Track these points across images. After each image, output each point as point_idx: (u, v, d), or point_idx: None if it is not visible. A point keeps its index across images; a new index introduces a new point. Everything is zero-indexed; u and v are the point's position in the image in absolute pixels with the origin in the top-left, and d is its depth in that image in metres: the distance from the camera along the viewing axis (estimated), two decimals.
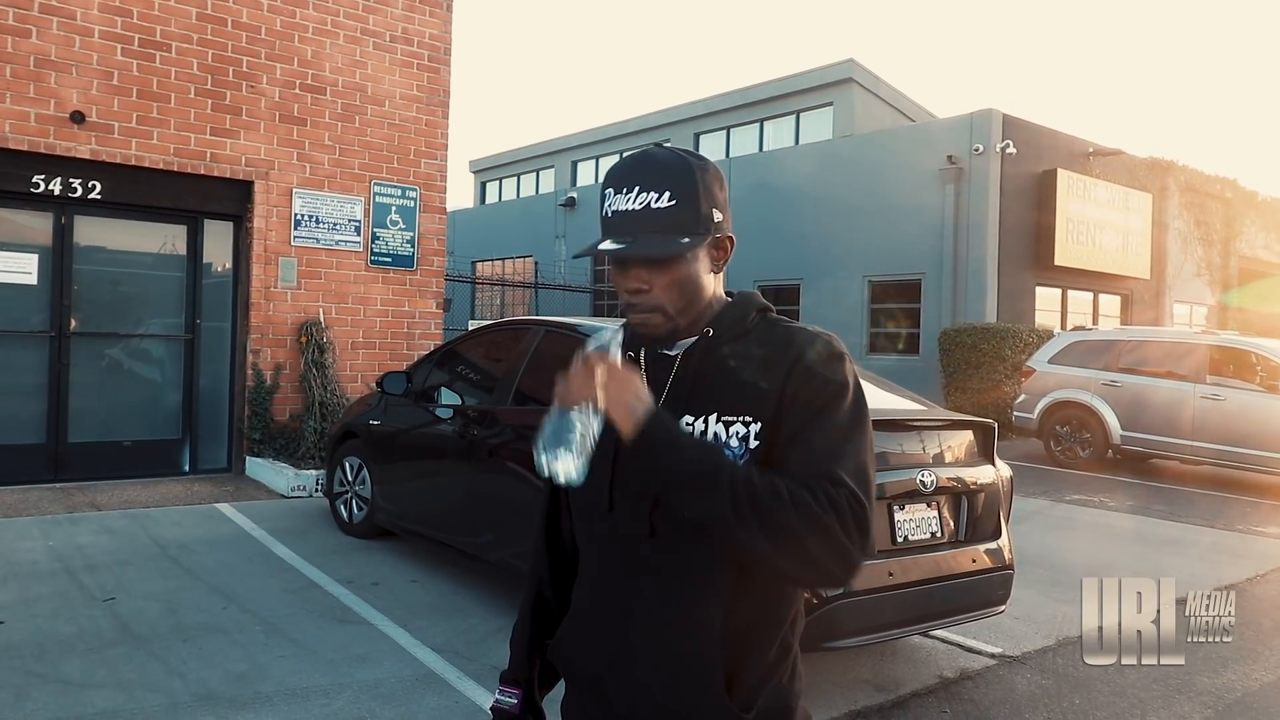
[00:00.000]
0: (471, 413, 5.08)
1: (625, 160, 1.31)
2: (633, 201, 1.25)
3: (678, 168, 1.27)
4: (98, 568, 5.09)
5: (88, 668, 3.70)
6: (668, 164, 1.27)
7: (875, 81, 21.03)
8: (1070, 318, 15.34)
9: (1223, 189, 18.36)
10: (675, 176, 1.26)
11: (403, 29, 8.95)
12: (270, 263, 8.20)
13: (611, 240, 1.26)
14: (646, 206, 1.25)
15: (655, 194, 1.25)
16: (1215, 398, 9.64)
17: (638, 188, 1.26)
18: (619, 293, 1.33)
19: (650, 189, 1.25)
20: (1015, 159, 14.17)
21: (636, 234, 1.25)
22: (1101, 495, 8.92)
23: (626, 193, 1.26)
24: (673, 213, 1.25)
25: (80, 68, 7.29)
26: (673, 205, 1.25)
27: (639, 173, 1.27)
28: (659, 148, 1.32)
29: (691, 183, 1.27)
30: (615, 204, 1.27)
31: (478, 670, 3.86)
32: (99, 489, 7.23)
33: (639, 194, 1.25)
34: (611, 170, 1.31)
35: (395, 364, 8.50)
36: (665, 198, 1.25)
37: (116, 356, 7.98)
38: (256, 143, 8.12)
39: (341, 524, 6.17)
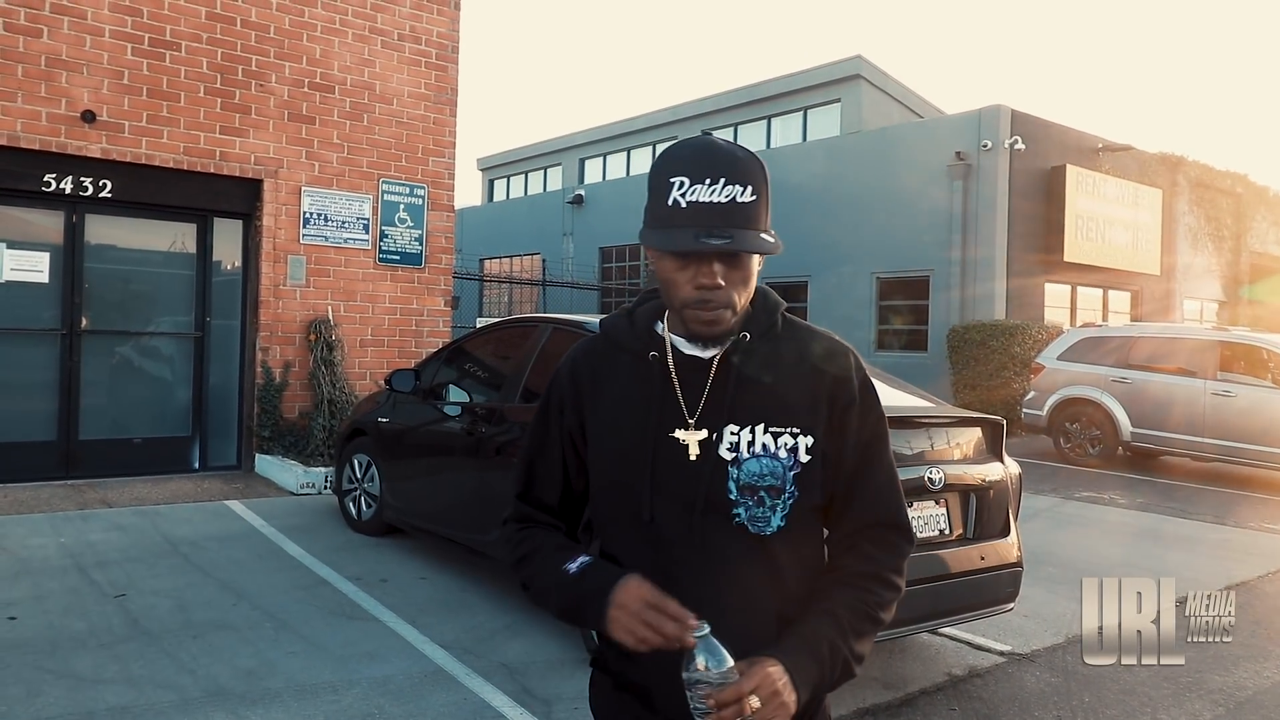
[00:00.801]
0: (479, 410, 5.08)
1: (695, 149, 1.24)
2: (718, 194, 1.20)
3: (753, 163, 1.23)
4: (109, 564, 5.13)
5: (99, 664, 3.72)
6: (743, 158, 1.23)
7: (883, 78, 20.98)
8: (1080, 314, 15.27)
9: (1233, 184, 18.25)
10: (753, 171, 1.22)
11: (410, 27, 8.96)
12: (279, 261, 8.23)
13: (701, 232, 1.19)
14: (733, 200, 1.20)
15: (740, 187, 1.21)
16: (1226, 394, 9.59)
17: (723, 180, 1.20)
18: (677, 287, 1.26)
19: (735, 182, 1.20)
20: (1024, 155, 14.11)
21: (725, 227, 1.20)
22: (1111, 492, 8.89)
23: (710, 184, 1.20)
24: (755, 208, 1.22)
25: (91, 67, 7.33)
26: (754, 200, 1.22)
27: (720, 164, 1.21)
28: (720, 140, 1.26)
29: (765, 179, 1.24)
30: (695, 194, 1.20)
31: (486, 667, 3.87)
32: (109, 486, 7.28)
33: (725, 186, 1.20)
34: (679, 157, 1.24)
35: (403, 361, 8.52)
36: (748, 192, 1.21)
37: (127, 354, 8.03)
38: (265, 141, 8.15)
39: (350, 521, 6.19)
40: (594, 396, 1.38)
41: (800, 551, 1.32)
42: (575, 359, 1.43)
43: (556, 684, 3.74)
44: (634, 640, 1.19)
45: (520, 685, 3.71)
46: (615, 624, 1.21)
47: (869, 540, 1.34)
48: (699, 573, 1.27)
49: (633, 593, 1.21)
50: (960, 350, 13.48)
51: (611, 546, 1.37)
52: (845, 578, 1.32)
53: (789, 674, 1.17)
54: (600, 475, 1.38)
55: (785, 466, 1.27)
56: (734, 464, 1.27)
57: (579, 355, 1.43)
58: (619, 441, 1.33)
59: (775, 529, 1.28)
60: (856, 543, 1.34)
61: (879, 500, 1.35)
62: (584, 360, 1.42)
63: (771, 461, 1.28)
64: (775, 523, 1.28)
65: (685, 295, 1.25)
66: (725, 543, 1.27)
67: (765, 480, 1.27)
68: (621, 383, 1.36)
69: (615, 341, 1.40)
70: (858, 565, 1.33)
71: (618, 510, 1.35)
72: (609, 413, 1.36)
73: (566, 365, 1.44)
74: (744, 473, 1.27)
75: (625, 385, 1.36)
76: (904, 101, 21.58)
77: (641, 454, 1.29)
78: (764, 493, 1.27)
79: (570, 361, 1.44)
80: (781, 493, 1.28)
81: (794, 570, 1.31)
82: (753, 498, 1.27)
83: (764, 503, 1.27)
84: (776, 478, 1.28)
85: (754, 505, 1.27)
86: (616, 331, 1.41)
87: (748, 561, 1.28)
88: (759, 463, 1.28)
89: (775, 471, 1.28)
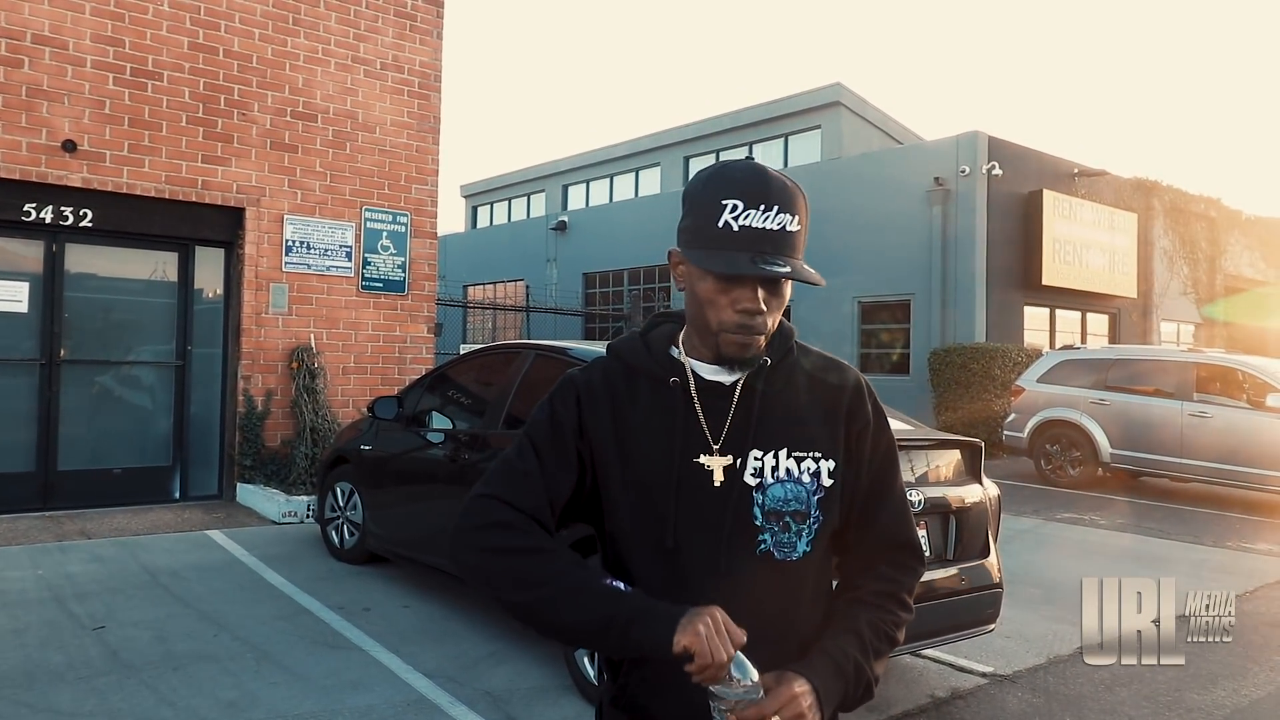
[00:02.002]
0: (463, 437, 5.09)
1: (747, 173, 1.23)
2: (771, 221, 1.20)
3: (800, 194, 1.24)
4: (87, 596, 5.07)
5: (77, 697, 3.68)
6: (791, 188, 1.23)
7: (862, 105, 21.25)
8: (1058, 337, 15.44)
9: (1207, 208, 18.56)
10: (800, 202, 1.23)
11: (393, 56, 9.03)
12: (261, 289, 8.23)
13: (756, 257, 1.19)
14: (783, 228, 1.21)
15: (790, 216, 1.21)
16: (1203, 415, 9.71)
17: (776, 207, 1.20)
18: (717, 309, 1.24)
19: (785, 210, 1.21)
20: (1001, 180, 14.32)
21: (776, 254, 1.20)
22: (1092, 513, 8.95)
23: (764, 210, 1.20)
24: (800, 238, 1.23)
25: (72, 97, 7.34)
26: (799, 230, 1.23)
27: (773, 191, 1.21)
28: (768, 167, 1.26)
29: (807, 207, 1.25)
30: (748, 219, 1.19)
31: (470, 695, 3.85)
32: (89, 517, 7.20)
33: (778, 214, 1.20)
34: (732, 180, 1.23)
35: (387, 389, 8.51)
36: (796, 221, 1.22)
37: (107, 384, 7.98)
38: (248, 169, 8.17)
39: (333, 549, 6.15)
40: (613, 419, 1.33)
41: (821, 577, 1.33)
42: (590, 380, 1.37)
43: (540, 711, 3.73)
44: (704, 649, 1.11)
45: (504, 713, 3.69)
46: (690, 632, 1.12)
47: (885, 562, 1.36)
48: (725, 601, 1.22)
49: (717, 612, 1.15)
50: (941, 373, 13.59)
51: (627, 575, 1.31)
52: (865, 597, 1.33)
53: (816, 694, 1.17)
54: (620, 502, 1.32)
55: (809, 491, 1.28)
56: (758, 489, 1.27)
57: (594, 374, 1.38)
58: (642, 468, 1.30)
59: (801, 554, 1.28)
60: (873, 564, 1.36)
61: (894, 523, 1.37)
62: (600, 382, 1.37)
63: (796, 486, 1.28)
64: (801, 548, 1.28)
65: (725, 318, 1.24)
66: (751, 570, 1.26)
67: (790, 505, 1.27)
68: (642, 408, 1.33)
69: (632, 366, 1.37)
70: (876, 585, 1.34)
71: (637, 538, 1.30)
72: (630, 438, 1.31)
73: (580, 380, 1.37)
74: (769, 498, 1.27)
75: (646, 411, 1.32)
76: (883, 128, 21.86)
77: (666, 480, 1.27)
78: (789, 518, 1.27)
79: (584, 382, 1.37)
80: (806, 518, 1.28)
81: (815, 596, 1.32)
82: (778, 523, 1.27)
83: (789, 528, 1.27)
84: (801, 503, 1.28)
85: (779, 531, 1.27)
86: (633, 355, 1.38)
87: (774, 589, 1.27)
88: (783, 488, 1.28)
89: (800, 496, 1.28)
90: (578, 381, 1.38)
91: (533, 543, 1.25)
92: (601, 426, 1.33)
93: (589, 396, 1.35)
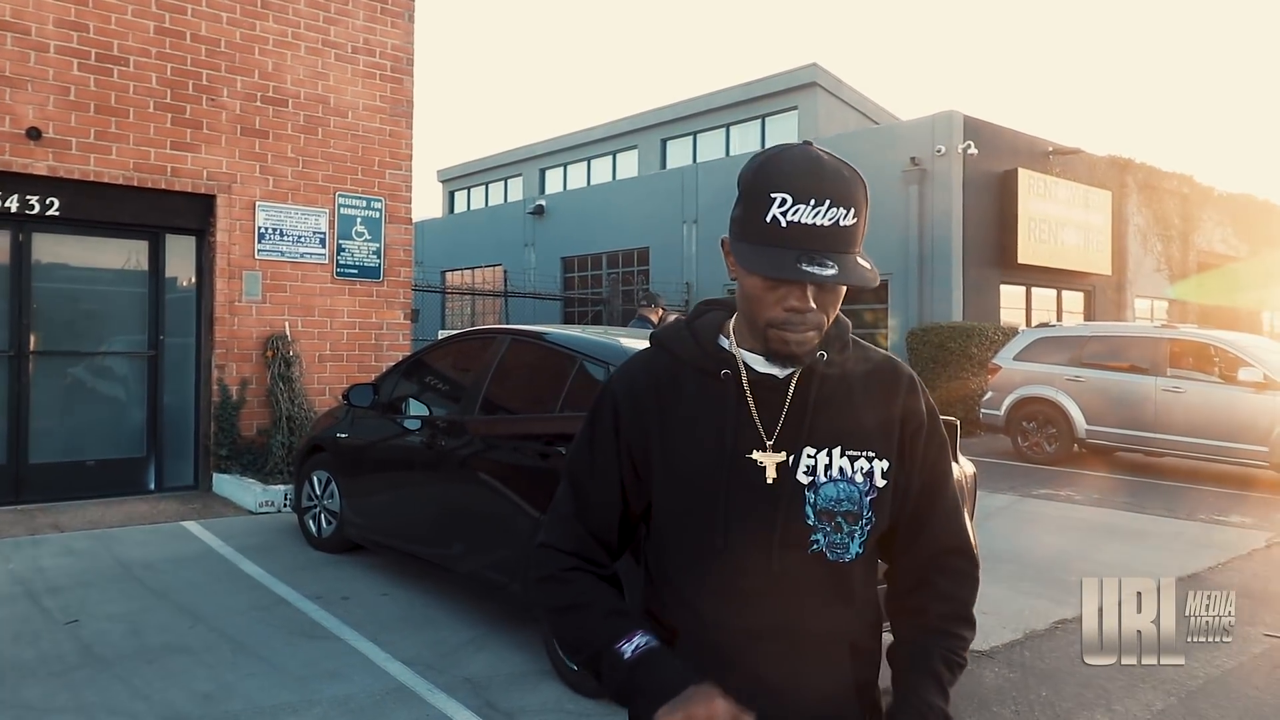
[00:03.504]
0: (439, 423, 5.06)
1: (800, 163, 1.16)
2: (822, 216, 1.13)
3: (857, 182, 1.17)
4: (60, 590, 5.01)
5: (49, 692, 3.64)
6: (849, 177, 1.16)
7: (838, 85, 21.25)
8: (1035, 314, 15.55)
9: (1179, 185, 18.71)
10: (856, 192, 1.16)
11: (364, 40, 8.91)
12: (234, 277, 8.13)
13: (803, 256, 1.13)
14: (836, 223, 1.14)
15: (843, 210, 1.14)
16: (1176, 390, 9.82)
17: (828, 201, 1.13)
18: (764, 306, 1.19)
19: (839, 204, 1.14)
20: (977, 159, 14.36)
21: (827, 251, 1.14)
22: (1068, 489, 9.05)
23: (814, 205, 1.13)
24: (855, 230, 1.16)
25: (36, 83, 7.19)
26: (855, 223, 1.16)
27: (826, 184, 1.14)
28: (824, 154, 1.18)
29: (866, 198, 1.18)
30: (797, 215, 1.13)
31: (449, 682, 3.84)
32: (61, 510, 7.12)
33: (829, 209, 1.13)
34: (783, 172, 1.15)
35: (363, 376, 8.44)
36: (850, 214, 1.15)
37: (78, 375, 7.87)
38: (218, 156, 8.05)
39: (310, 539, 6.12)
40: (660, 415, 1.28)
41: (869, 577, 1.29)
42: (633, 374, 1.34)
43: (520, 697, 3.73)
44: None
45: (484, 699, 3.69)
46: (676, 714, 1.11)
47: (940, 571, 1.32)
48: (777, 602, 1.21)
49: (706, 706, 1.10)
50: (919, 352, 13.66)
51: (674, 574, 1.28)
52: (933, 623, 1.30)
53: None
54: (666, 499, 1.28)
55: (861, 491, 1.24)
56: (810, 488, 1.23)
57: (637, 370, 1.34)
58: (691, 464, 1.25)
59: (854, 556, 1.24)
60: (929, 576, 1.32)
61: (949, 527, 1.33)
62: (644, 376, 1.32)
63: (849, 486, 1.24)
64: (854, 549, 1.24)
65: (772, 315, 1.19)
66: (803, 571, 1.22)
67: (842, 505, 1.23)
68: (689, 401, 1.27)
69: (679, 357, 1.31)
70: (942, 606, 1.31)
71: (684, 537, 1.26)
72: (678, 433, 1.27)
73: (623, 380, 1.34)
74: (821, 497, 1.23)
75: (694, 404, 1.27)
76: (860, 108, 21.87)
77: (717, 477, 1.23)
78: (841, 518, 1.23)
79: (627, 377, 1.34)
80: (859, 519, 1.24)
81: (866, 597, 1.29)
82: (830, 523, 1.23)
83: (841, 529, 1.23)
84: (853, 503, 1.24)
85: (832, 531, 1.23)
86: (680, 346, 1.32)
87: (825, 590, 1.24)
88: (836, 487, 1.24)
89: (852, 496, 1.24)
90: (615, 390, 1.33)
91: (570, 599, 1.28)
92: (647, 429, 1.29)
93: (629, 402, 1.31)
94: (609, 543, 1.33)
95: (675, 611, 1.28)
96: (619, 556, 1.35)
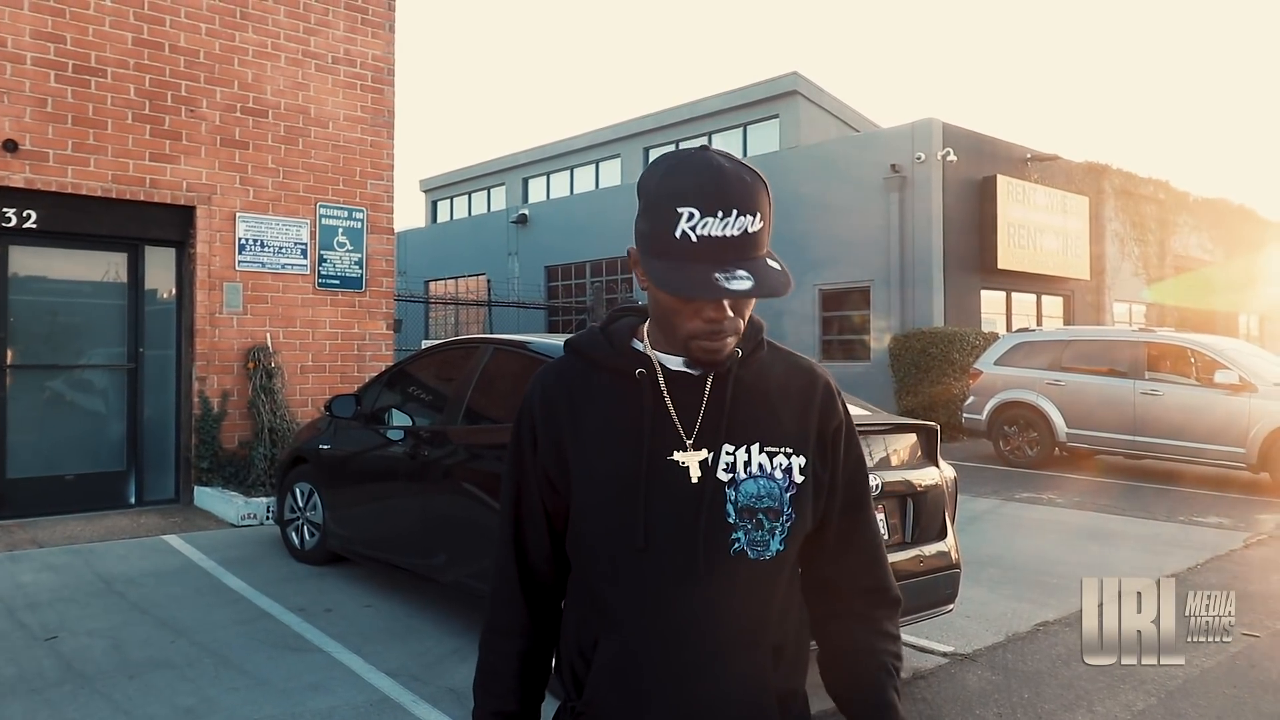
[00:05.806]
0: (423, 433, 5.05)
1: (701, 175, 1.13)
2: (731, 227, 1.10)
3: (759, 185, 1.14)
4: (39, 606, 4.96)
5: (29, 709, 3.60)
6: (749, 181, 1.13)
7: (819, 93, 21.38)
8: (1015, 319, 15.68)
9: (1156, 190, 18.93)
10: (758, 195, 1.13)
11: (345, 50, 8.90)
12: (215, 288, 8.09)
13: (717, 269, 1.11)
14: (744, 231, 1.11)
15: (750, 216, 1.12)
16: (1154, 393, 9.93)
17: (735, 210, 1.11)
18: (682, 318, 1.18)
19: (745, 212, 1.11)
20: (956, 166, 14.48)
21: (739, 261, 1.12)
22: (1050, 492, 9.12)
23: (723, 217, 1.10)
24: (761, 234, 1.13)
25: (12, 95, 7.14)
26: (761, 227, 1.13)
27: (731, 194, 1.11)
28: (722, 159, 1.15)
29: (769, 198, 1.15)
30: (706, 228, 1.10)
31: (433, 693, 3.83)
32: (40, 525, 7.04)
33: (737, 218, 1.11)
34: (686, 187, 1.13)
35: (346, 387, 8.40)
36: (757, 220, 1.12)
37: (57, 388, 7.79)
38: (198, 167, 8.01)
39: (293, 551, 6.08)
40: (573, 421, 1.26)
41: (791, 577, 1.28)
42: (545, 383, 1.31)
43: None
44: None
45: (467, 710, 3.66)
46: None
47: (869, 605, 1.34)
48: (698, 602, 1.19)
49: None
50: (902, 358, 13.75)
51: (593, 580, 1.26)
52: (881, 660, 1.32)
53: None
54: (585, 501, 1.25)
55: (781, 488, 1.23)
56: (730, 485, 1.21)
57: (549, 378, 1.32)
58: (607, 467, 1.23)
59: (774, 553, 1.22)
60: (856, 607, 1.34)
61: (873, 563, 1.34)
62: (556, 383, 1.30)
63: (768, 482, 1.23)
64: (774, 546, 1.22)
65: (691, 328, 1.18)
66: (726, 570, 1.20)
67: (763, 502, 1.22)
68: (604, 404, 1.26)
69: (593, 360, 1.30)
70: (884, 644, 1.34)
71: (603, 539, 1.23)
72: (593, 438, 1.25)
73: (536, 391, 1.31)
74: (742, 494, 1.21)
75: (609, 406, 1.25)
76: (840, 116, 22.00)
77: (635, 477, 1.20)
78: (762, 515, 1.22)
79: (540, 387, 1.31)
80: (780, 515, 1.22)
81: (787, 598, 1.27)
82: (751, 520, 1.21)
83: (762, 526, 1.21)
84: (774, 499, 1.22)
85: (753, 529, 1.21)
86: (593, 349, 1.30)
87: (748, 590, 1.22)
88: (756, 484, 1.22)
89: (772, 493, 1.22)
90: (530, 398, 1.32)
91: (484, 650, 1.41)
92: (561, 433, 1.27)
93: (544, 408, 1.29)
94: (546, 581, 1.35)
95: (594, 615, 1.26)
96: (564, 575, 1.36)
